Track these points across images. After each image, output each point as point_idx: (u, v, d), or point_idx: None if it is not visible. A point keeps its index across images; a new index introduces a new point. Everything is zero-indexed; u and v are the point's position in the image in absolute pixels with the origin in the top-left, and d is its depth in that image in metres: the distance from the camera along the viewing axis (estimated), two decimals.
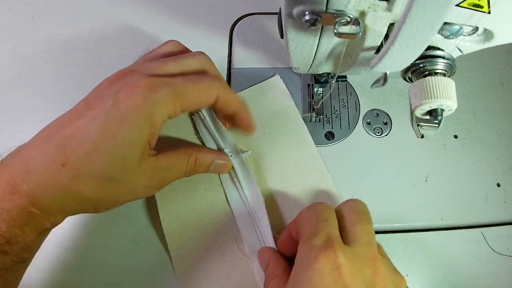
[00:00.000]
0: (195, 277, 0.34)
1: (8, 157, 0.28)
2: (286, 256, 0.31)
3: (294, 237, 0.30)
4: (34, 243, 0.28)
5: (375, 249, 0.27)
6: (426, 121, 0.40)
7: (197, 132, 0.38)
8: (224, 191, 0.36)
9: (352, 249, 0.25)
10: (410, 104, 0.28)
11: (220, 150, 0.36)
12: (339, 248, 0.25)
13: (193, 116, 0.38)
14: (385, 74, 0.29)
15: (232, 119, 0.36)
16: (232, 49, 0.45)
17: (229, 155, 0.36)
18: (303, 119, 0.41)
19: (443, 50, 0.27)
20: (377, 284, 0.25)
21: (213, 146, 0.37)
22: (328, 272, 0.24)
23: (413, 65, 0.27)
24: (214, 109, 0.36)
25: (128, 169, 0.28)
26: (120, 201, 0.30)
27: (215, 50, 0.38)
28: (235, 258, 0.34)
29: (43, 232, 0.29)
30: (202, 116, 0.37)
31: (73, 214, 0.30)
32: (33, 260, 0.34)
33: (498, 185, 0.40)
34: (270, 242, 0.33)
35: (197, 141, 0.37)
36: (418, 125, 0.41)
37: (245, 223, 0.35)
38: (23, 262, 0.28)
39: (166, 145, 0.34)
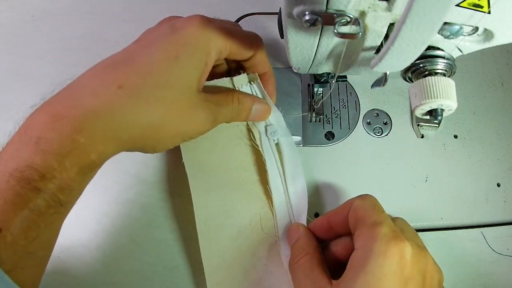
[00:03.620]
0: (219, 253, 0.33)
1: (53, 96, 0.26)
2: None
3: (335, 226, 0.30)
4: (74, 183, 0.24)
5: (421, 243, 0.29)
6: (426, 121, 0.40)
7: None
8: (256, 171, 0.36)
9: (410, 241, 0.26)
10: (410, 104, 0.28)
11: (266, 126, 0.36)
12: (406, 239, 0.25)
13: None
14: (385, 74, 0.28)
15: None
16: None
17: (275, 130, 0.35)
18: (303, 119, 0.41)
19: (443, 50, 0.27)
20: (428, 273, 0.26)
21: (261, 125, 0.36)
22: (397, 261, 0.24)
23: (413, 65, 0.27)
24: (244, 66, 0.36)
25: (189, 93, 0.28)
26: (180, 132, 0.28)
27: None
28: (263, 236, 0.34)
29: (86, 169, 0.25)
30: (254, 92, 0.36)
31: (127, 148, 0.27)
32: None
33: (498, 185, 0.40)
34: (303, 222, 0.33)
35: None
36: (418, 125, 0.41)
37: (279, 201, 0.34)
38: (60, 205, 0.24)
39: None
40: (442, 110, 0.26)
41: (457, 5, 0.22)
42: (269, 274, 0.33)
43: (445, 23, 0.23)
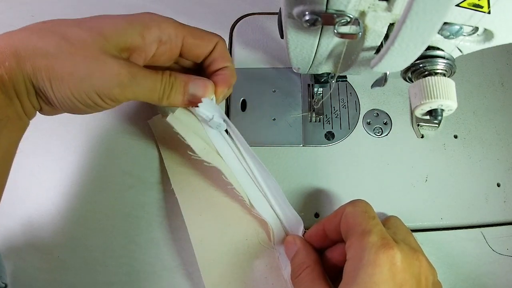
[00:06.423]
0: (219, 271, 0.33)
1: None
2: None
3: (330, 233, 0.30)
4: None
5: (414, 242, 0.30)
6: (426, 121, 0.40)
7: None
8: (243, 191, 0.34)
9: (400, 245, 0.26)
10: (410, 104, 0.28)
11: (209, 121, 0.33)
12: (395, 245, 0.26)
13: None
14: (385, 74, 0.29)
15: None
16: (232, 49, 0.45)
17: (219, 123, 0.33)
18: (303, 119, 0.41)
19: (443, 50, 0.27)
20: (422, 275, 0.27)
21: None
22: (388, 268, 0.25)
23: (413, 65, 0.27)
24: (204, 66, 0.34)
25: (102, 42, 0.29)
26: (83, 75, 0.27)
27: None
28: (260, 249, 0.34)
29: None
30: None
31: (32, 78, 0.27)
32: (33, 260, 0.34)
33: (498, 185, 0.40)
34: (299, 233, 0.33)
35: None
36: (418, 125, 0.41)
37: (268, 214, 0.34)
38: None
39: None
40: (442, 110, 0.26)
41: (457, 5, 0.22)
42: (270, 287, 0.33)
43: (445, 23, 0.23)
